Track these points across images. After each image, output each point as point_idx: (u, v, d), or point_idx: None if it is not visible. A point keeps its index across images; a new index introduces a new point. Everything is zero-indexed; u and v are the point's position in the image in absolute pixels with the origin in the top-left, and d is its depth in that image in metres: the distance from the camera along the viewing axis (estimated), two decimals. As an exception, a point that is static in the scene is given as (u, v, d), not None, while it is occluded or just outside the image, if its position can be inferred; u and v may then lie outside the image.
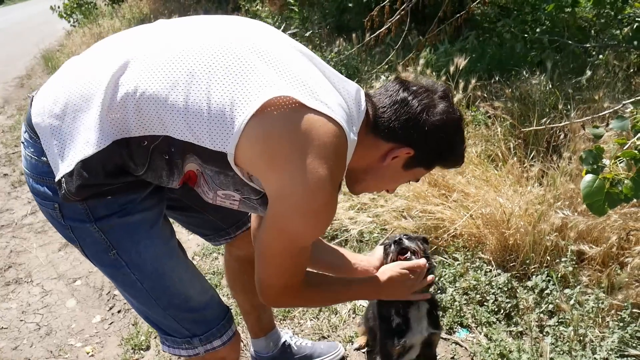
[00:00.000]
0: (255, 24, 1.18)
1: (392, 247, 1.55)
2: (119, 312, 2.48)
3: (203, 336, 1.30)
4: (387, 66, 3.77)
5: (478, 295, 2.21)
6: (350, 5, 5.57)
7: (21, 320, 2.48)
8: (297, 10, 5.12)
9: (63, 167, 1.05)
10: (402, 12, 3.42)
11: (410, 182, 1.35)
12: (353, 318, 2.23)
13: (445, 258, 2.39)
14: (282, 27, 5.42)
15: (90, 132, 1.02)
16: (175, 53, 1.04)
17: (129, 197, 1.14)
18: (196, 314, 1.29)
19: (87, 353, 2.24)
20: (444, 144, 1.19)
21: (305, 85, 1.02)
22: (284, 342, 1.95)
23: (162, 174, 1.10)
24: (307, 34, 4.75)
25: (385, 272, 1.44)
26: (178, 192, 1.36)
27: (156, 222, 1.21)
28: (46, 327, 2.42)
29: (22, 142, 1.17)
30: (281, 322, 2.23)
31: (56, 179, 1.07)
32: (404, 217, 2.58)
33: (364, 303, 2.26)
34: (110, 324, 2.41)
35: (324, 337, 2.14)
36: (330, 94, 1.06)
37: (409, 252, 1.53)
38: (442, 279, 2.28)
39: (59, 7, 9.60)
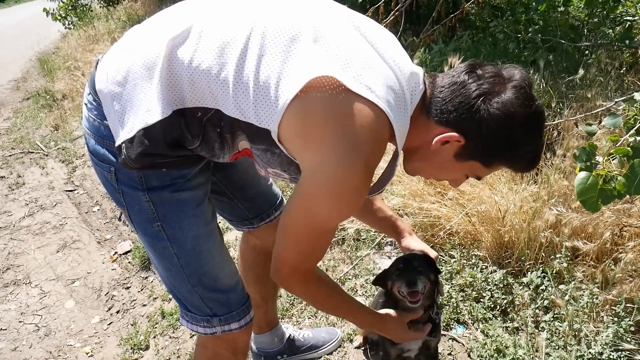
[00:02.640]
0: None
1: (403, 286, 1.48)
2: (117, 312, 2.49)
3: (223, 317, 1.33)
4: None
5: (474, 292, 2.23)
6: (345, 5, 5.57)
7: (20, 322, 2.49)
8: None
9: (124, 134, 1.08)
10: (397, 13, 3.44)
11: (470, 177, 1.23)
12: (351, 316, 2.24)
13: (441, 256, 2.42)
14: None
15: (152, 101, 1.05)
16: (232, 26, 1.05)
17: (181, 172, 1.18)
18: (221, 295, 1.32)
19: (87, 353, 2.25)
20: (503, 139, 1.06)
21: (351, 66, 1.00)
22: (289, 336, 1.99)
23: (215, 146, 1.13)
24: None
25: (393, 318, 1.48)
26: (218, 176, 1.43)
27: (202, 202, 1.25)
28: (45, 328, 2.43)
29: (85, 104, 1.21)
30: (281, 319, 2.25)
31: (116, 144, 1.10)
32: (400, 215, 2.60)
33: (362, 300, 2.28)
34: (109, 324, 2.42)
35: (322, 335, 2.16)
36: (379, 76, 1.02)
37: (419, 295, 1.48)
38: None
39: (53, 10, 9.56)
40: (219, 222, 1.38)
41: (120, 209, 1.28)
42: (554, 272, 2.16)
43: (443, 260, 2.40)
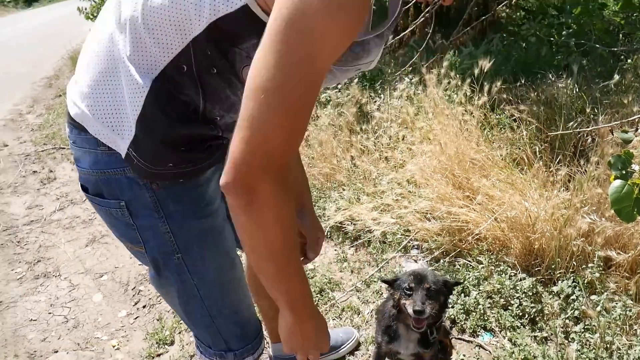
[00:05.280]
0: None
1: (410, 308, 1.47)
2: (144, 307, 2.52)
3: (238, 351, 1.27)
4: (410, 68, 3.76)
5: (502, 299, 2.19)
6: (374, 8, 5.56)
7: (50, 313, 2.54)
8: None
9: (125, 138, 0.97)
10: (427, 15, 3.41)
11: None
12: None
13: (469, 261, 2.38)
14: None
15: (129, 88, 0.93)
16: None
17: (198, 187, 1.08)
18: (239, 328, 1.26)
19: (113, 346, 2.28)
20: None
21: None
22: None
23: (227, 93, 0.96)
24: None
25: (324, 323, 1.05)
26: None
27: (223, 230, 1.16)
28: (73, 320, 2.47)
29: (72, 145, 1.08)
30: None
31: (123, 155, 0.98)
32: (427, 218, 2.58)
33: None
34: (136, 318, 2.45)
35: (346, 337, 2.15)
36: None
37: (424, 323, 1.48)
38: (465, 281, 2.27)
39: (85, 9, 9.74)
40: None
41: (134, 247, 1.14)
42: (585, 282, 2.11)
43: (470, 265, 2.36)
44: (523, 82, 3.54)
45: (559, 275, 2.20)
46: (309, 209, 1.38)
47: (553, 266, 2.22)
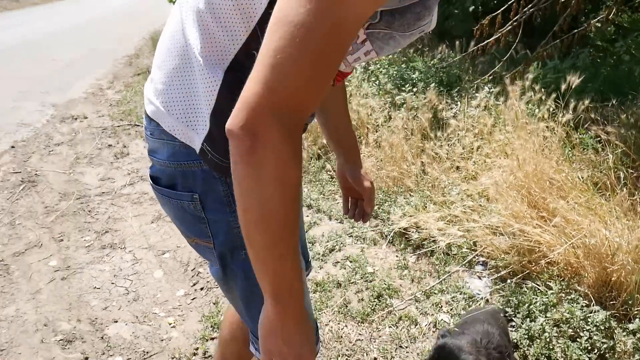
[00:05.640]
0: None
1: None
2: (201, 289, 2.56)
3: None
4: (491, 77, 3.63)
5: (570, 330, 2.07)
6: (455, 11, 5.43)
7: (112, 283, 2.62)
8: (400, 13, 5.04)
9: (199, 133, 0.95)
10: (515, 23, 3.27)
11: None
12: (433, 332, 2.16)
13: (537, 285, 2.26)
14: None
15: (202, 82, 0.91)
16: None
17: None
18: None
19: (169, 324, 2.33)
20: None
21: None
22: None
23: None
24: (409, 38, 4.67)
25: (307, 321, 0.92)
26: None
27: None
28: (134, 293, 2.55)
29: (150, 142, 1.07)
30: (359, 324, 2.21)
31: (197, 150, 0.96)
32: (498, 234, 2.47)
33: (446, 318, 2.20)
34: (193, 299, 2.49)
35: (401, 347, 2.09)
36: None
37: None
38: (532, 306, 2.15)
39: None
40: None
41: (200, 242, 1.11)
42: (667, 323, 1.95)
43: (539, 289, 2.24)
44: (613, 102, 3.33)
45: (636, 312, 2.05)
46: (359, 165, 1.38)
47: (630, 302, 2.07)
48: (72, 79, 6.75)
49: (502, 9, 3.04)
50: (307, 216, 3.11)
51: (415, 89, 3.73)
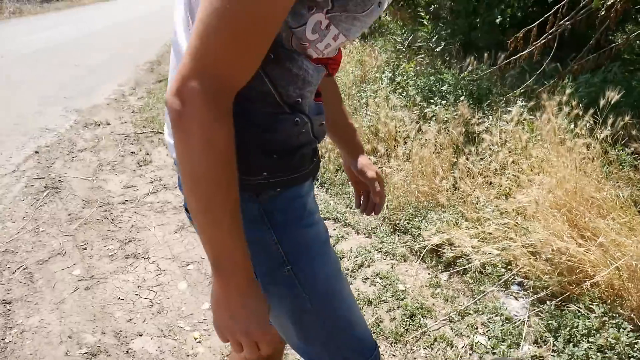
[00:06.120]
0: None
1: None
2: (227, 303, 2.49)
3: None
4: (522, 91, 3.54)
5: (616, 356, 1.96)
6: (481, 24, 5.35)
7: (136, 294, 2.57)
8: (426, 24, 4.99)
9: None
10: (550, 37, 3.19)
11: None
12: (470, 354, 2.07)
13: (579, 308, 2.16)
14: (408, 40, 5.33)
15: None
16: None
17: (299, 191, 1.02)
18: (356, 342, 1.14)
19: (195, 339, 2.27)
20: None
21: None
22: None
23: (291, 70, 0.88)
24: (437, 49, 4.61)
25: (260, 304, 0.88)
26: None
27: (327, 237, 1.10)
28: (158, 305, 2.49)
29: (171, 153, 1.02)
30: (392, 345, 2.13)
31: None
32: (534, 254, 2.37)
33: (483, 340, 2.10)
34: (219, 313, 2.43)
35: (437, 371, 2.00)
36: None
37: None
38: (573, 330, 2.06)
39: None
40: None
41: None
42: None
43: (580, 312, 2.14)
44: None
45: (686, 340, 1.94)
46: (361, 155, 1.39)
47: (679, 329, 1.96)
48: (94, 85, 6.78)
49: (538, 21, 2.96)
50: (334, 229, 3.04)
51: (444, 102, 3.65)
